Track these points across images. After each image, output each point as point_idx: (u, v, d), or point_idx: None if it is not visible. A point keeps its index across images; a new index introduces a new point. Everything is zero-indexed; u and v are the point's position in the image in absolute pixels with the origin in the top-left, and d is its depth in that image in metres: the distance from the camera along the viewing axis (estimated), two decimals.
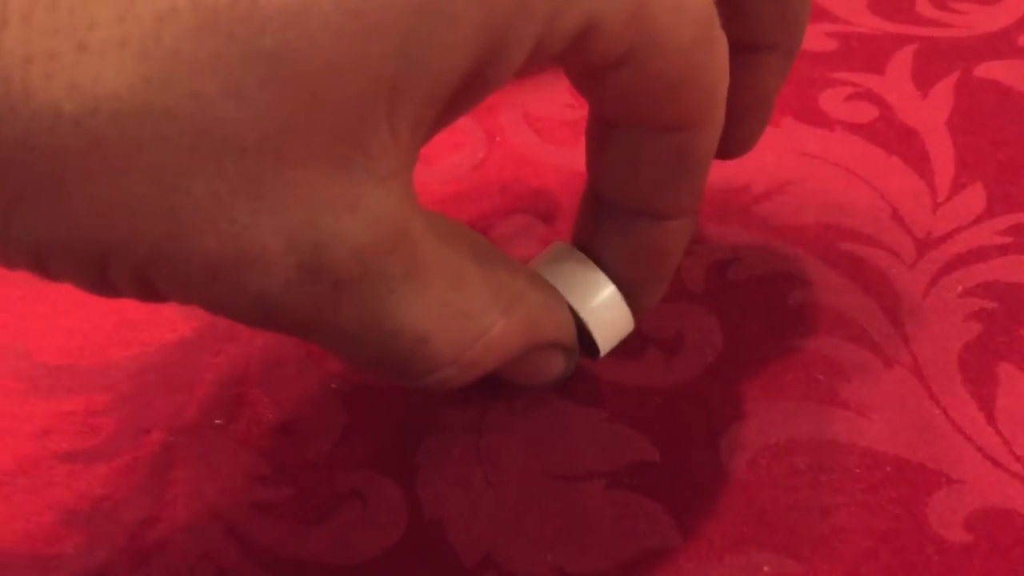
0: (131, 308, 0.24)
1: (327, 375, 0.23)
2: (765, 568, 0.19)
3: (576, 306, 0.19)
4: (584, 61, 0.15)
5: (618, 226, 0.19)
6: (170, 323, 0.24)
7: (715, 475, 0.20)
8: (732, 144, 0.21)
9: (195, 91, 0.12)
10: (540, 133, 0.30)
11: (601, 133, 0.18)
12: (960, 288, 0.24)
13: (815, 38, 0.34)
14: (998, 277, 0.25)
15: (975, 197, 0.27)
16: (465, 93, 0.14)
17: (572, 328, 0.19)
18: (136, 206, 0.13)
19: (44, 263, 0.13)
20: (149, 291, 0.14)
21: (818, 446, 0.21)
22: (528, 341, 0.18)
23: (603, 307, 0.19)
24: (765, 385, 0.22)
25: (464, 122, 0.30)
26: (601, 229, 0.20)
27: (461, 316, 0.16)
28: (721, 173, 0.28)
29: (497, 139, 0.30)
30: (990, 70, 0.32)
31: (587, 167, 0.20)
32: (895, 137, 0.29)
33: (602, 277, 0.19)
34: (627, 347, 0.23)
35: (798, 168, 0.28)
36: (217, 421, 0.22)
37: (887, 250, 0.26)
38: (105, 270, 0.13)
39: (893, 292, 0.24)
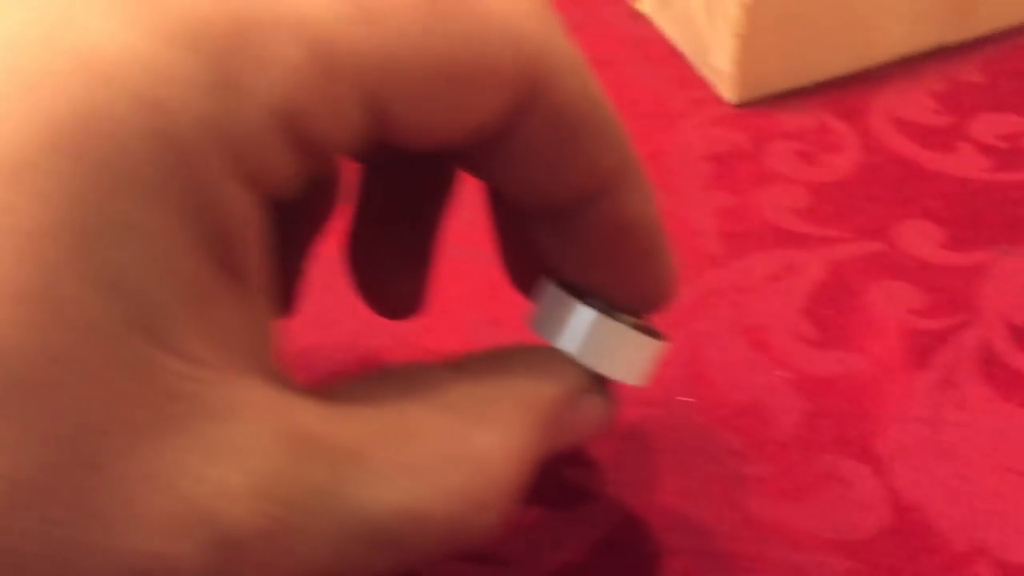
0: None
1: (772, 364, 0.24)
2: None
3: (559, 345, 0.17)
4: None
5: (561, 236, 0.16)
6: None
7: None
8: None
9: None
10: (914, 138, 0.31)
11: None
12: None
13: None
14: None
15: None
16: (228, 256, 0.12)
17: (568, 370, 0.17)
18: None
19: None
20: None
21: None
22: (537, 419, 0.15)
23: (582, 332, 0.17)
24: None
25: (837, 124, 0.32)
26: (553, 248, 0.17)
27: (442, 463, 0.14)
28: None
29: (872, 144, 0.31)
30: None
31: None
32: None
33: (574, 305, 0.17)
34: None
35: None
36: (681, 398, 0.24)
37: None
38: None
39: None
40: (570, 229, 0.16)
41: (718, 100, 0.33)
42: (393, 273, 0.20)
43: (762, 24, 0.31)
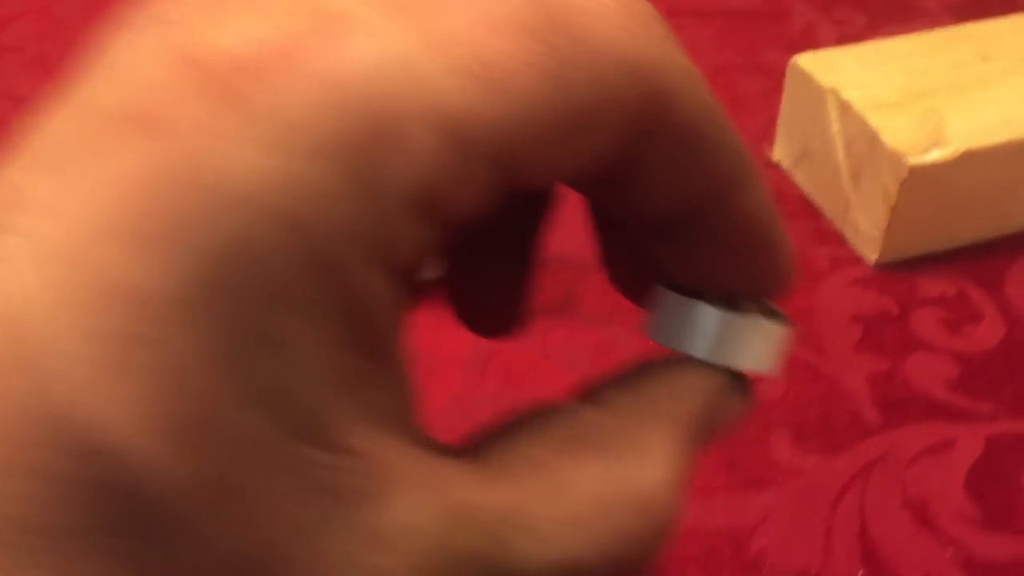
0: None
1: (940, 542, 0.25)
2: None
3: (687, 350, 0.17)
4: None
5: (679, 239, 0.16)
6: None
7: None
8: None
9: None
10: None
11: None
12: None
13: None
14: None
15: None
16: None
17: (705, 377, 0.17)
18: None
19: None
20: None
21: None
22: (686, 437, 0.16)
23: (711, 332, 0.17)
24: None
25: (976, 293, 0.33)
26: (669, 250, 0.17)
27: (599, 509, 0.14)
28: None
29: (1012, 316, 0.32)
30: None
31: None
32: None
33: (698, 307, 0.17)
34: None
35: None
36: (860, 573, 0.25)
37: None
38: None
39: None
40: (689, 233, 0.16)
41: (858, 259, 0.34)
42: (492, 292, 0.20)
43: (914, 196, 0.32)
